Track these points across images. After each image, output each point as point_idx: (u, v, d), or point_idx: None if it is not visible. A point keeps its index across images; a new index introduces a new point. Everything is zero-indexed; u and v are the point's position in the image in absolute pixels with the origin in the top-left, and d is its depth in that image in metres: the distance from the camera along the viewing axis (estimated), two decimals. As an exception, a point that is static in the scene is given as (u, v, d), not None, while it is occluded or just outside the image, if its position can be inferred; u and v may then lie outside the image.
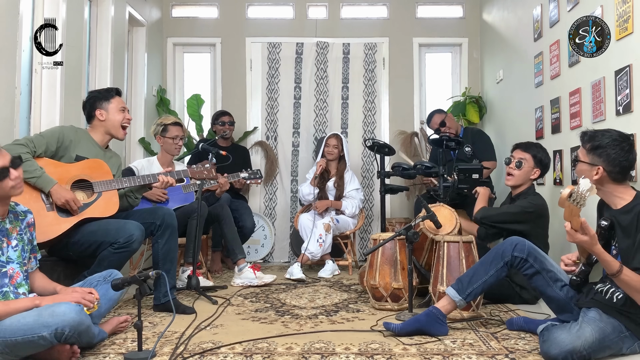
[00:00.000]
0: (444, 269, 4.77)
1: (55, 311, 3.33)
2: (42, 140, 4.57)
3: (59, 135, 4.67)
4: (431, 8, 9.16)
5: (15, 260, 3.70)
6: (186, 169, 5.25)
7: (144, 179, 4.93)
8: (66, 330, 3.31)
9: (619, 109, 4.64)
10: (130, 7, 7.67)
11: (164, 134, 6.39)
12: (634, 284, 3.43)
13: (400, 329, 4.07)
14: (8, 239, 3.70)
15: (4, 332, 3.33)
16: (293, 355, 3.65)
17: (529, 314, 4.67)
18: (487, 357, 3.60)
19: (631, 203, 3.66)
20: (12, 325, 3.33)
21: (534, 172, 5.41)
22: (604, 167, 3.67)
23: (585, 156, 3.75)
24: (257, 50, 9.06)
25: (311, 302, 5.40)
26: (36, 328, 3.29)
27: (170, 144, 6.37)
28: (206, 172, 5.28)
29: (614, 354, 3.55)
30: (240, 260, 6.42)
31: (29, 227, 3.88)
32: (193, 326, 4.41)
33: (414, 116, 9.03)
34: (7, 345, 3.35)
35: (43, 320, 3.30)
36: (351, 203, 7.60)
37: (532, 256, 4.06)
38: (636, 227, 3.54)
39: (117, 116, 4.95)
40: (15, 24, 5.13)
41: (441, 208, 5.29)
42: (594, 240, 3.41)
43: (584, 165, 3.75)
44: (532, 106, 6.64)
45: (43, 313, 3.33)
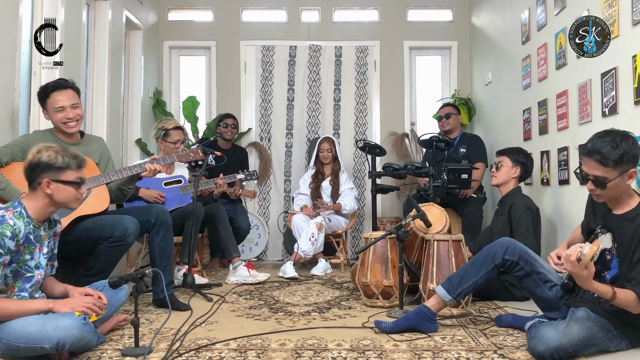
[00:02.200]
0: (433, 267, 4.77)
1: (59, 325, 3.32)
2: (5, 151, 4.48)
3: (23, 144, 4.53)
4: (421, 12, 9.18)
5: (43, 266, 3.72)
6: (172, 155, 5.24)
7: (130, 169, 4.87)
8: (67, 345, 3.32)
9: (605, 110, 4.64)
10: (127, 10, 7.66)
11: (166, 139, 6.36)
12: (628, 303, 3.41)
13: (391, 328, 4.06)
14: (41, 246, 3.70)
15: (7, 335, 3.34)
16: (286, 351, 3.64)
17: (517, 311, 4.66)
18: (476, 353, 3.60)
19: (634, 210, 3.58)
20: (16, 330, 3.33)
21: (514, 170, 5.54)
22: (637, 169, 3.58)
23: (612, 172, 3.48)
24: (251, 53, 9.06)
25: (304, 300, 5.39)
26: (38, 339, 3.29)
27: (172, 148, 6.32)
28: (192, 154, 5.27)
29: (600, 351, 3.54)
30: (235, 258, 6.43)
31: (55, 237, 3.89)
32: (189, 323, 4.39)
33: (405, 117, 9.05)
34: (9, 348, 3.37)
35: (46, 332, 3.30)
36: (348, 198, 7.63)
37: (523, 259, 4.03)
38: (638, 241, 3.47)
39: (54, 116, 4.75)
40: (15, 27, 5.12)
41: (431, 207, 5.29)
42: (589, 277, 3.40)
43: (616, 181, 3.50)
44: (520, 108, 6.65)
45: (47, 325, 3.33)
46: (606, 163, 3.46)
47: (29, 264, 3.60)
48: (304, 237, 7.05)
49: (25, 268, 3.58)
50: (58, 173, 3.55)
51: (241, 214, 7.37)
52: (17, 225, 3.44)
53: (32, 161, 3.55)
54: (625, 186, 3.57)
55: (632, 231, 3.52)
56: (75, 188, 3.63)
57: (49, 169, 3.53)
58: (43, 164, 3.53)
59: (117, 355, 3.56)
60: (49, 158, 3.54)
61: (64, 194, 3.60)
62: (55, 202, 3.62)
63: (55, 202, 3.62)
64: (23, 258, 3.55)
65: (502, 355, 3.54)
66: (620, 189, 3.56)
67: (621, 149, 3.44)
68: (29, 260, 3.59)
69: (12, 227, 3.41)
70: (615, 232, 3.62)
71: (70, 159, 3.59)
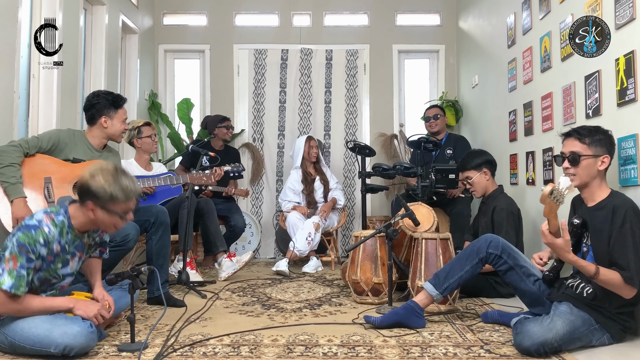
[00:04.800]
0: (422, 264, 4.78)
1: (67, 332, 3.33)
2: (37, 142, 4.55)
3: (55, 138, 4.62)
4: (410, 16, 9.19)
5: (73, 273, 3.72)
6: (185, 175, 5.27)
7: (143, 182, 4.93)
8: (73, 351, 3.34)
9: (588, 112, 4.65)
10: (124, 15, 7.64)
11: (140, 136, 6.35)
12: (612, 282, 3.46)
13: (380, 322, 4.07)
14: (81, 253, 3.71)
15: (13, 334, 3.36)
16: (278, 347, 3.63)
17: (503, 307, 4.67)
18: (464, 349, 3.60)
19: (604, 200, 3.68)
20: (23, 331, 3.35)
21: (484, 174, 5.58)
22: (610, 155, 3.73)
23: (588, 149, 3.69)
24: (244, 57, 9.06)
25: (296, 296, 5.39)
26: (45, 343, 3.31)
27: (149, 143, 6.34)
28: (205, 179, 5.33)
29: (584, 345, 3.56)
30: (219, 253, 6.46)
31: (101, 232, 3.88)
32: (183, 319, 4.39)
33: (394, 119, 9.05)
34: (14, 347, 3.38)
35: (54, 338, 3.31)
36: (338, 192, 7.71)
37: (506, 252, 4.06)
38: (611, 222, 3.55)
39: (120, 126, 4.89)
40: (14, 31, 5.09)
41: (419, 207, 5.30)
42: (567, 247, 3.44)
43: (589, 159, 3.68)
44: (506, 110, 6.65)
45: (55, 331, 3.33)
46: (582, 139, 3.73)
47: (59, 272, 3.59)
48: (299, 236, 7.04)
49: (54, 275, 3.57)
50: (105, 202, 3.48)
51: (236, 213, 7.36)
52: (52, 233, 3.43)
53: (84, 184, 3.49)
54: (596, 172, 3.72)
55: (603, 218, 3.61)
56: (117, 218, 3.56)
57: (96, 196, 3.48)
58: (92, 192, 3.46)
59: (113, 351, 3.55)
60: (97, 187, 3.45)
61: (106, 220, 3.54)
62: (97, 224, 3.59)
63: (97, 224, 3.59)
64: (55, 267, 3.54)
65: (489, 351, 3.55)
66: (592, 172, 3.71)
67: (597, 132, 3.73)
68: (60, 268, 3.58)
69: (46, 234, 3.39)
70: (589, 223, 3.72)
71: (118, 192, 3.48)
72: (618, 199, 3.64)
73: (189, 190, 5.76)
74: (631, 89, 4.02)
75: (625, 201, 3.60)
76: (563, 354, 3.44)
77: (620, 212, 3.54)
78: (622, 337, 3.66)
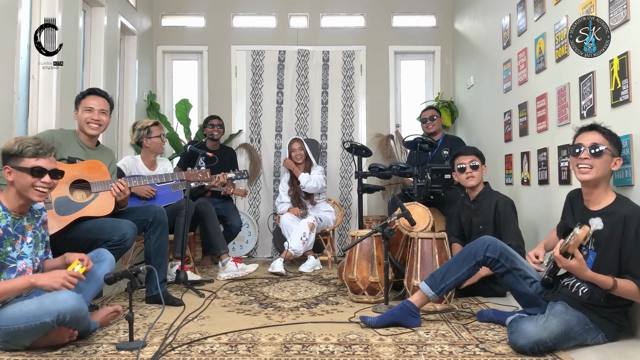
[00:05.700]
0: (418, 263, 4.77)
1: (57, 298, 3.35)
2: None
3: (49, 138, 4.59)
4: (406, 18, 9.19)
5: (29, 255, 3.69)
6: (181, 172, 5.26)
7: (130, 181, 4.91)
8: (67, 317, 3.35)
9: (583, 113, 4.65)
10: (122, 17, 7.64)
11: (150, 136, 6.34)
12: (629, 292, 3.47)
13: (376, 323, 4.06)
14: (24, 236, 3.69)
15: (6, 321, 3.36)
16: (276, 345, 3.63)
17: (498, 306, 4.67)
18: (459, 347, 3.60)
19: (612, 206, 3.66)
20: (15, 313, 3.35)
21: (485, 169, 5.57)
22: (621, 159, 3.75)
23: (608, 144, 3.67)
24: (241, 58, 9.06)
25: (293, 295, 5.39)
26: (38, 315, 3.32)
27: (158, 143, 6.34)
28: (200, 175, 5.31)
29: (579, 344, 3.56)
30: (223, 254, 6.42)
31: (44, 224, 3.89)
32: (181, 318, 4.38)
33: (390, 120, 9.05)
34: (8, 334, 3.37)
35: (45, 307, 3.32)
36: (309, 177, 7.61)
37: (504, 256, 4.05)
38: (622, 232, 3.54)
39: (82, 115, 4.87)
40: (14, 32, 5.10)
41: (415, 206, 5.29)
42: (583, 265, 3.43)
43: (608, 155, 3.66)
44: (501, 110, 6.65)
45: (45, 301, 3.35)
46: (605, 135, 3.68)
47: (11, 255, 3.58)
48: (294, 236, 7.05)
49: (8, 260, 3.56)
50: (16, 160, 3.50)
51: (233, 213, 7.35)
52: None
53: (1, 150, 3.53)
54: (609, 171, 3.70)
55: (612, 227, 3.56)
56: (31, 176, 3.52)
57: (8, 157, 3.50)
58: (4, 153, 3.50)
59: (112, 349, 3.54)
60: (7, 145, 3.50)
61: (21, 182, 3.52)
62: (19, 192, 3.57)
63: (19, 192, 3.57)
64: (5, 250, 3.54)
65: (484, 349, 3.55)
66: (607, 170, 3.69)
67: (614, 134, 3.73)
68: (11, 251, 3.58)
69: None
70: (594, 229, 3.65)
71: (28, 146, 3.50)
72: (627, 207, 3.62)
73: (186, 190, 5.76)
74: (625, 90, 4.02)
75: (636, 210, 3.58)
76: (558, 353, 3.44)
77: (632, 222, 3.53)
78: (617, 337, 3.67)
